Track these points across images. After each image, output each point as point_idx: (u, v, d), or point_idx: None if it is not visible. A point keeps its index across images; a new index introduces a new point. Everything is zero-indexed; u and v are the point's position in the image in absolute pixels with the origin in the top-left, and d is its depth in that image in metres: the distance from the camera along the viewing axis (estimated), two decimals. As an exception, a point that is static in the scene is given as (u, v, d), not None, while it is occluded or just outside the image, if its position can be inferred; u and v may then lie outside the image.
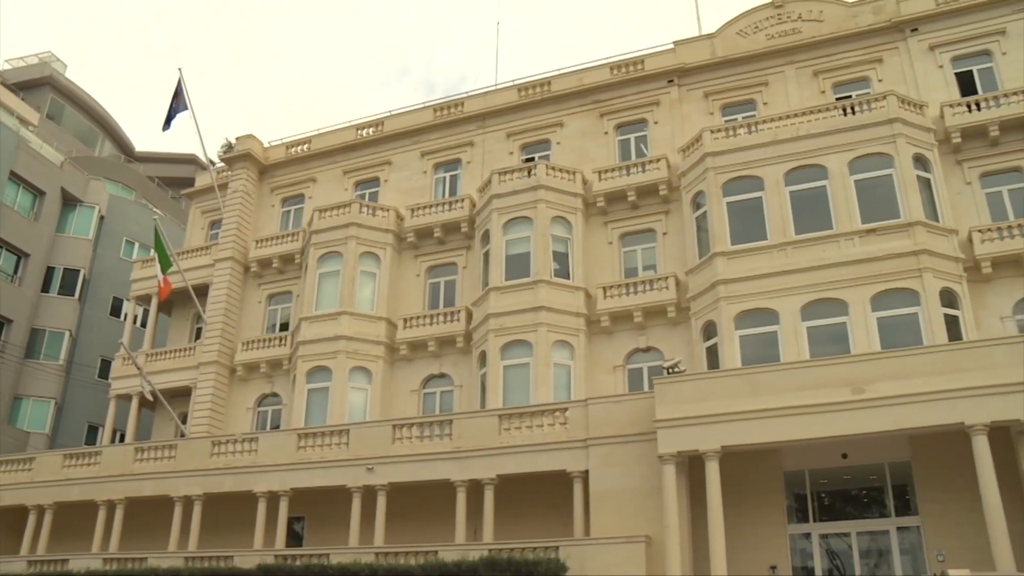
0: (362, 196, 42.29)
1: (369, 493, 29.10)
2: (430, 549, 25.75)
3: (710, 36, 38.97)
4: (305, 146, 45.24)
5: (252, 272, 42.40)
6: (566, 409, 28.01)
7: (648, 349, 33.81)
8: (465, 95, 42.81)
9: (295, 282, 41.18)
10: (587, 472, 26.47)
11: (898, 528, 24.94)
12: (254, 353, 39.98)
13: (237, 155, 44.88)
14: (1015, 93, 32.00)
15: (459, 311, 36.82)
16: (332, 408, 35.65)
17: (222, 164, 46.42)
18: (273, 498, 30.44)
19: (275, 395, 39.55)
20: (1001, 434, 22.71)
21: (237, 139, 45.61)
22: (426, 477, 28.62)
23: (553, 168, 36.61)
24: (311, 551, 27.69)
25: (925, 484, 24.65)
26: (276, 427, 38.09)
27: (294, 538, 31.65)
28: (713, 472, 24.11)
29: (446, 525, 27.82)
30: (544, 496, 27.82)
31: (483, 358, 34.41)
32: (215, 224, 46.29)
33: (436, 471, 28.48)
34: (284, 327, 41.01)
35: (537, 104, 40.62)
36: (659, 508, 24.40)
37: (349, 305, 37.47)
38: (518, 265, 35.12)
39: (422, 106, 43.80)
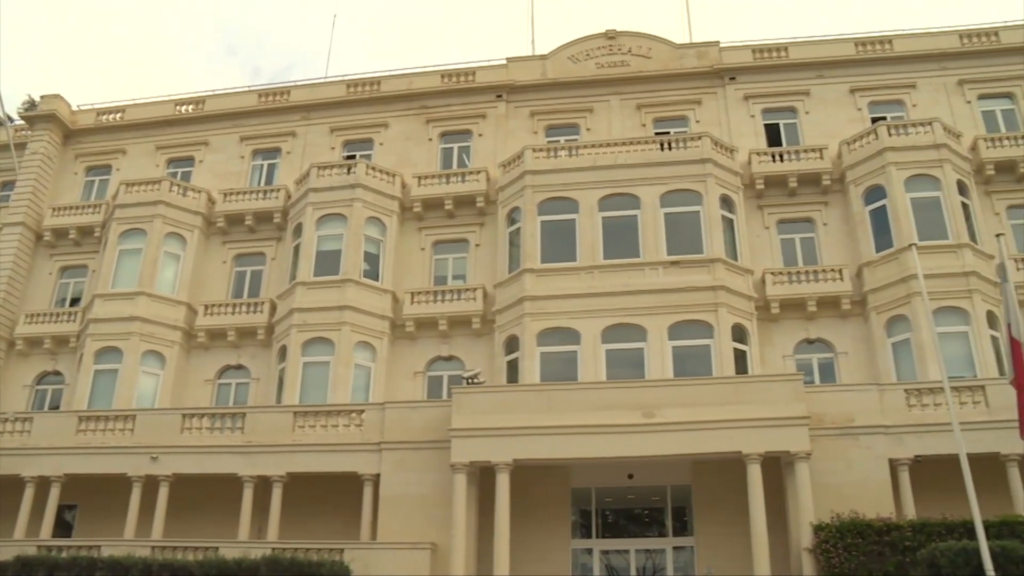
0: (174, 174, 40.54)
1: (151, 483, 27.85)
2: (210, 545, 25.03)
3: (543, 57, 39.80)
4: (118, 115, 42.98)
5: (45, 241, 39.83)
6: (362, 411, 27.92)
7: (450, 358, 34.02)
8: (292, 84, 41.98)
9: (92, 256, 39.01)
10: (379, 476, 26.40)
11: (674, 547, 26.26)
12: (38, 327, 37.53)
13: (40, 114, 42.12)
14: (813, 150, 34.53)
15: (263, 303, 35.93)
16: (120, 392, 33.96)
17: (22, 122, 43.50)
18: (44, 484, 28.56)
19: (58, 373, 37.22)
20: (773, 463, 24.27)
21: (42, 98, 42.84)
22: (213, 470, 27.75)
23: (373, 168, 36.38)
24: (80, 542, 26.29)
25: (702, 507, 26.00)
26: (56, 408, 35.91)
27: (64, 528, 29.85)
28: (503, 484, 24.53)
29: (231, 521, 26.94)
30: (334, 497, 27.54)
31: (283, 353, 33.69)
32: (7, 185, 43.12)
33: (224, 464, 27.65)
34: (76, 302, 38.74)
35: (364, 102, 40.30)
36: (448, 516, 24.58)
37: (148, 286, 35.84)
38: (328, 262, 34.62)
39: (246, 90, 42.66)
